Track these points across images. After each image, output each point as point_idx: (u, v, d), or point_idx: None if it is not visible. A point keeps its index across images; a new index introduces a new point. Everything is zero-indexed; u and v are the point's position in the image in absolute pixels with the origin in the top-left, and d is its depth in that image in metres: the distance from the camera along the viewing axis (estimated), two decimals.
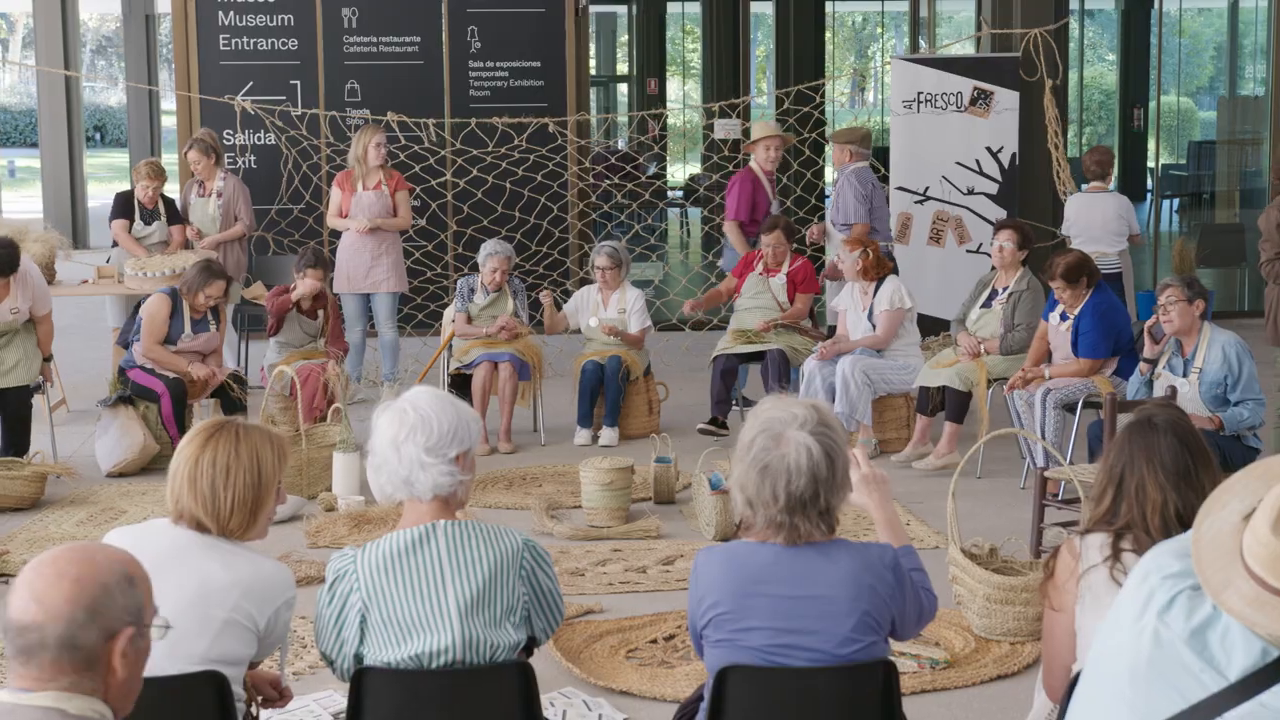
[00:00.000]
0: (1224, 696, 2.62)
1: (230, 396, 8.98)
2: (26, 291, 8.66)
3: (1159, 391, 7.39)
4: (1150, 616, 2.74)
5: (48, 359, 8.89)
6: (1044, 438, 7.93)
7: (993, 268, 9.22)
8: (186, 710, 3.51)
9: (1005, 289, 8.94)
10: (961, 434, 8.79)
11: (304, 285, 9.40)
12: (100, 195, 22.27)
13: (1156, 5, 22.89)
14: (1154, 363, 7.59)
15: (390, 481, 3.69)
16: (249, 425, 3.74)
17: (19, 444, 8.62)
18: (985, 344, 8.82)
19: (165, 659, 3.48)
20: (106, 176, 30.85)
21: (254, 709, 3.80)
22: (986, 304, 9.00)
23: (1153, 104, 21.25)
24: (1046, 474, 6.98)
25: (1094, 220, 10.86)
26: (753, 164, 10.60)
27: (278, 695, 3.90)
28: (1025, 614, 5.85)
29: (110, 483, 8.60)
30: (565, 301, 10.25)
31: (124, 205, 10.77)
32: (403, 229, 10.79)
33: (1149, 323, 7.66)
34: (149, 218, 10.71)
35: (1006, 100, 11.82)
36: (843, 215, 10.40)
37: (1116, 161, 12.50)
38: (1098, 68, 28.18)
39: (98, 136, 40.46)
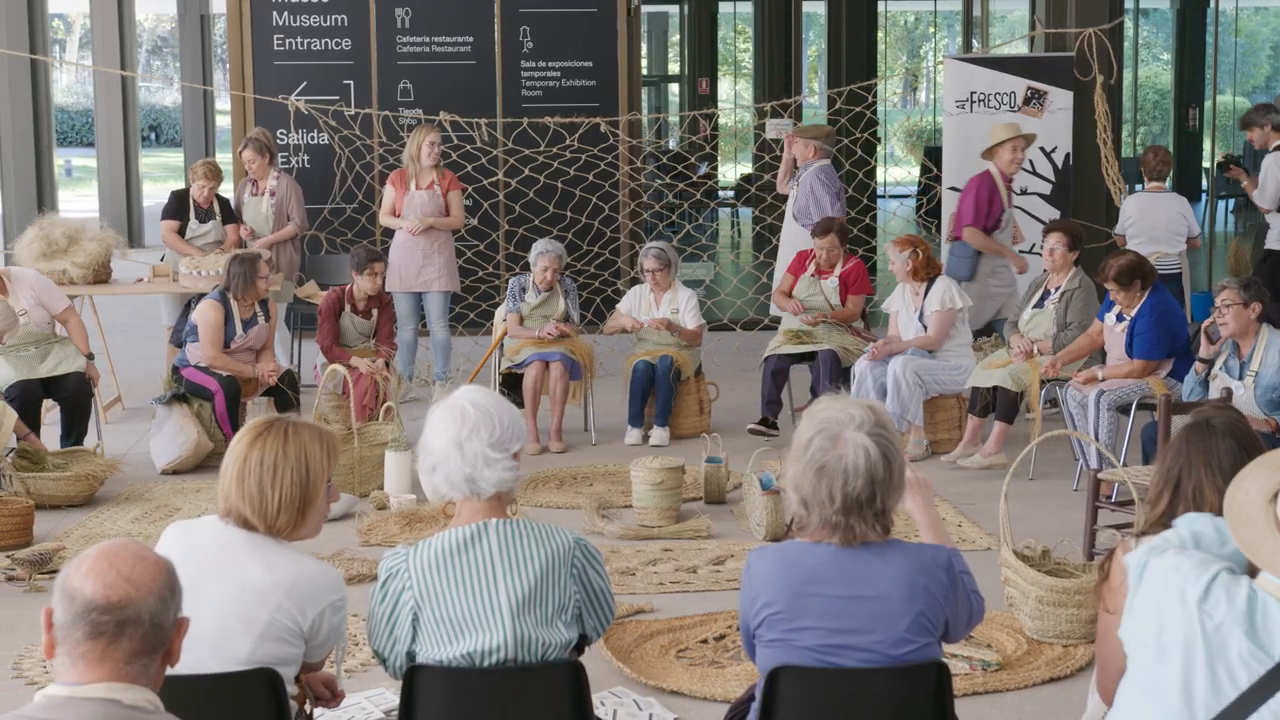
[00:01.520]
0: (1272, 677, 2.74)
1: (284, 394, 9.03)
2: (24, 291, 8.76)
3: (1214, 393, 7.34)
4: (1191, 609, 2.85)
5: (89, 356, 8.96)
6: (1097, 439, 7.88)
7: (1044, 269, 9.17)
8: (241, 707, 3.52)
9: (1058, 289, 8.90)
10: (1011, 435, 8.74)
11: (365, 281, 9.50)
12: (155, 194, 22.48)
13: (1212, 4, 22.69)
14: (1210, 364, 7.54)
15: (448, 480, 3.68)
16: (299, 423, 3.72)
17: (78, 433, 8.72)
18: (1038, 344, 8.78)
19: (210, 659, 3.50)
20: (161, 176, 31.12)
21: (307, 707, 3.82)
22: (1039, 304, 8.96)
23: (1208, 103, 21.11)
24: (1100, 476, 6.93)
25: (1156, 220, 10.77)
26: (991, 167, 10.37)
27: (330, 695, 3.91)
28: (1078, 616, 5.81)
29: (164, 480, 8.66)
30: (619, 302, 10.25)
31: (177, 206, 10.85)
32: (455, 228, 10.82)
33: (1205, 323, 7.60)
34: (204, 217, 10.78)
35: (1060, 100, 11.75)
36: (819, 211, 10.34)
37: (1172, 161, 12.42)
38: (1152, 67, 28.00)
39: (153, 136, 40.83)
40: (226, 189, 11.37)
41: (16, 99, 18.98)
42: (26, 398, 8.46)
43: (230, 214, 10.89)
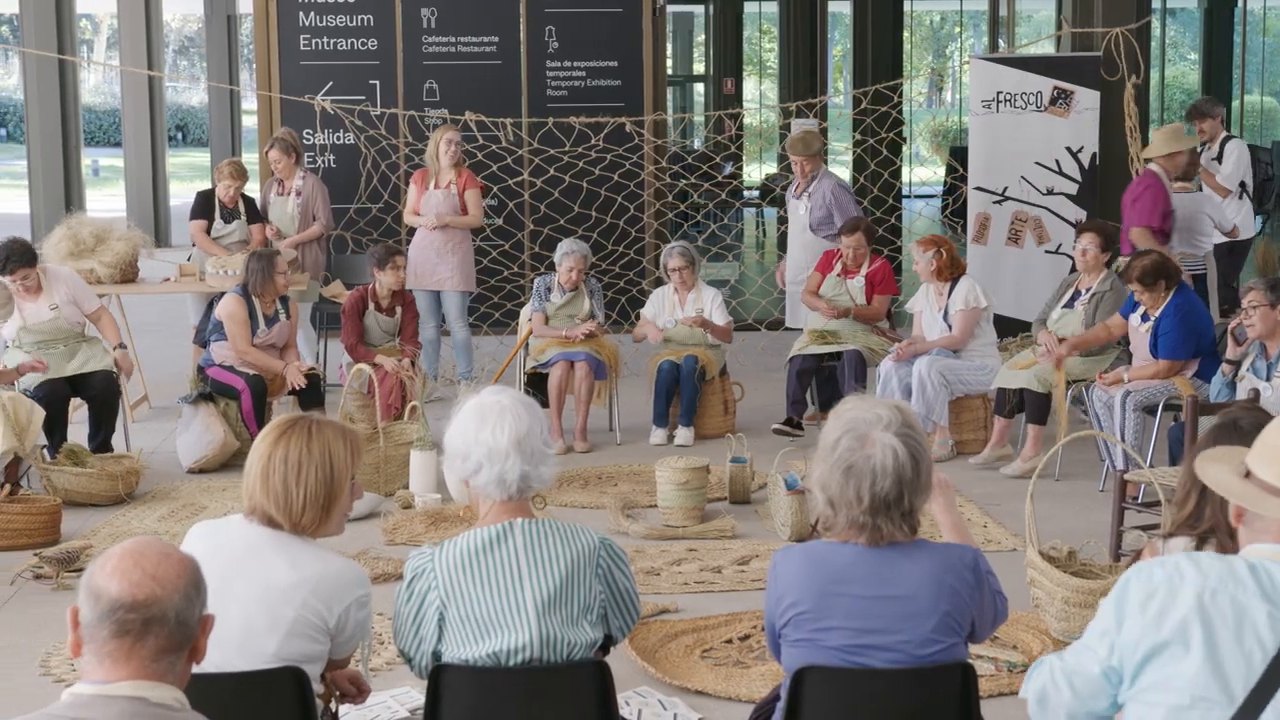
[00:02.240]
0: None
1: (309, 393, 9.04)
2: (60, 288, 8.82)
3: (1241, 394, 7.32)
4: (1193, 587, 2.88)
5: (120, 346, 8.98)
6: (1124, 440, 7.85)
7: (1073, 269, 9.13)
8: (268, 705, 3.54)
9: (1088, 290, 8.87)
10: (1042, 435, 8.72)
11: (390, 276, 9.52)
12: (182, 194, 22.54)
13: (1240, 3, 22.62)
14: (1237, 365, 7.51)
15: (500, 480, 3.67)
16: (322, 421, 3.73)
17: (105, 432, 8.76)
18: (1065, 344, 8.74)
19: (236, 656, 3.52)
20: (188, 175, 31.20)
21: (333, 705, 3.83)
22: (1069, 305, 8.93)
23: (1235, 103, 21.02)
24: (1126, 477, 6.91)
25: (1178, 220, 10.71)
26: (1156, 168, 10.14)
27: (356, 691, 3.92)
28: None
29: (191, 479, 8.69)
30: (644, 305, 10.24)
31: (204, 205, 10.89)
32: (472, 227, 10.84)
33: (1232, 324, 7.57)
34: (229, 217, 10.82)
35: (1087, 100, 11.71)
36: (844, 218, 10.27)
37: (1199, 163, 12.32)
38: (1179, 67, 27.90)
39: (179, 136, 40.96)
40: (252, 189, 11.40)
41: (45, 99, 19.08)
42: (54, 396, 8.49)
43: (255, 213, 10.92)
